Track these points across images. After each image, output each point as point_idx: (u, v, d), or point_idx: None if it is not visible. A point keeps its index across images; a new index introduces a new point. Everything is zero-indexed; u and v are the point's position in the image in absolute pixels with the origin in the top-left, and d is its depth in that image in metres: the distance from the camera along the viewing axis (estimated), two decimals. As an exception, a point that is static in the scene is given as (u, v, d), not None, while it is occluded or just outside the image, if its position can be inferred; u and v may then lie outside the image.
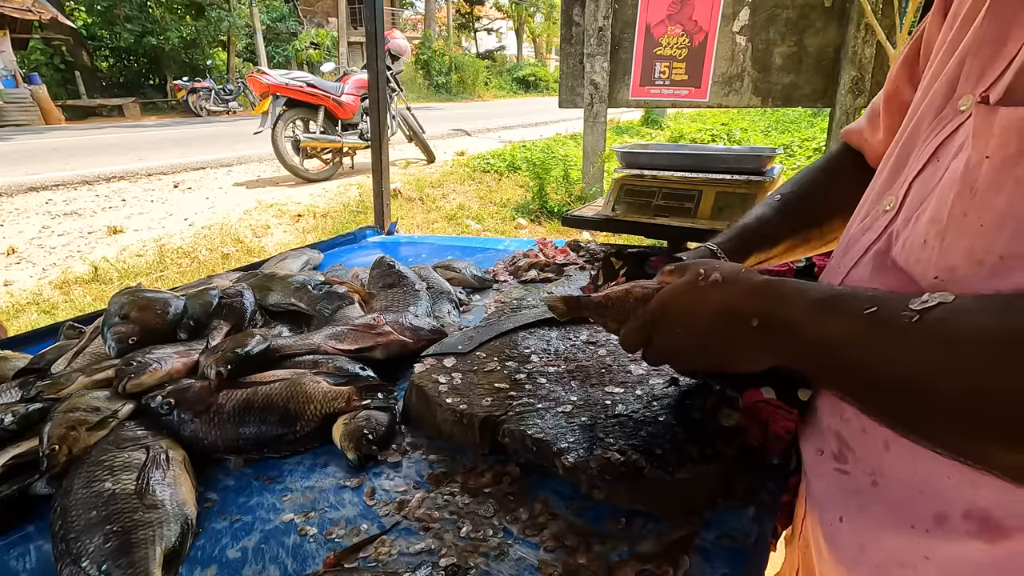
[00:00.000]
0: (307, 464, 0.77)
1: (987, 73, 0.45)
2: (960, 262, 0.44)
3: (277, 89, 6.52)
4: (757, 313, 0.52)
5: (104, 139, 9.88)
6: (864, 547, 0.52)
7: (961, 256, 0.44)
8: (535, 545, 0.60)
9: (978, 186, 0.42)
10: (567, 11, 5.56)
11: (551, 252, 1.56)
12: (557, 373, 0.84)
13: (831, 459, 0.58)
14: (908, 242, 0.50)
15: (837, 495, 0.56)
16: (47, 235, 4.88)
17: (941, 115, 0.51)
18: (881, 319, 0.42)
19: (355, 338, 0.98)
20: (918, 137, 0.55)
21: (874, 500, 0.51)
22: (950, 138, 0.48)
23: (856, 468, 0.54)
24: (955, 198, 0.44)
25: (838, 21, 4.79)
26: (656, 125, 12.34)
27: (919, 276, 0.48)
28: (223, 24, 18.46)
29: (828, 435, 0.59)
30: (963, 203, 0.43)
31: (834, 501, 0.57)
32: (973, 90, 0.46)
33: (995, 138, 0.41)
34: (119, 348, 0.93)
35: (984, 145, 0.42)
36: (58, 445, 0.70)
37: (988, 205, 0.41)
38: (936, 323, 0.39)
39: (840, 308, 0.46)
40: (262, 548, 0.62)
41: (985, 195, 0.41)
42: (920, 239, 0.48)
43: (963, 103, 0.48)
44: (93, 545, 0.58)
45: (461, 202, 6.33)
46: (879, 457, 0.51)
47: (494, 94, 27.38)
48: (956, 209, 0.44)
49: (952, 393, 0.38)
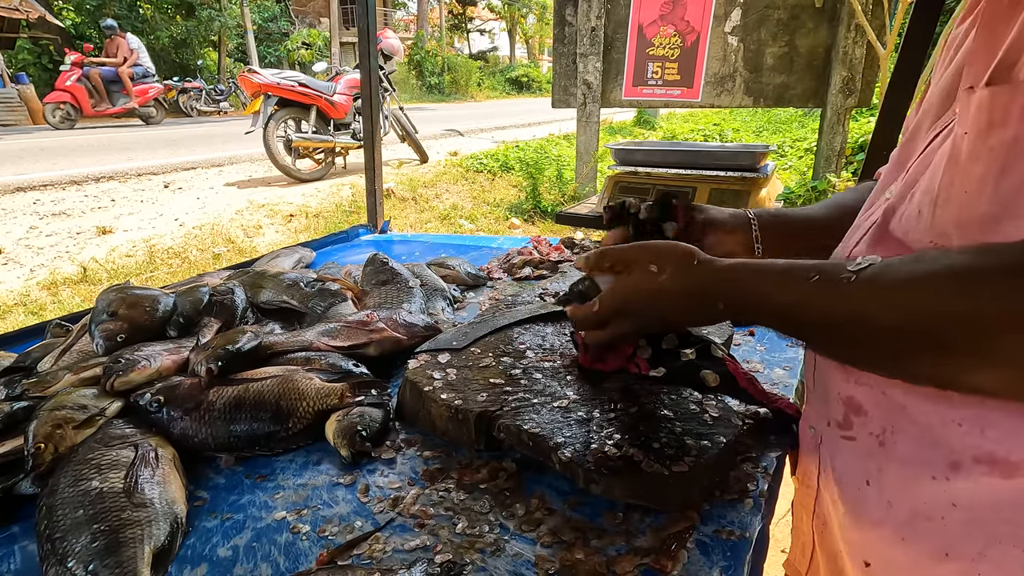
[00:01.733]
0: (300, 461, 0.76)
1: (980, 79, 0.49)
2: (950, 228, 0.48)
3: (268, 88, 6.47)
4: (721, 298, 0.58)
5: (93, 139, 9.78)
6: (891, 504, 0.54)
7: (951, 223, 0.48)
8: (532, 541, 0.60)
9: (961, 159, 0.47)
10: (560, 11, 5.56)
11: (545, 249, 1.56)
12: (553, 368, 0.84)
13: (836, 428, 0.60)
14: (905, 215, 0.55)
15: (853, 462, 0.59)
16: (35, 236, 4.81)
17: (939, 121, 0.56)
18: (823, 283, 0.49)
19: (348, 335, 0.97)
20: (918, 138, 0.59)
21: (887, 459, 0.54)
22: (944, 131, 0.53)
23: (862, 431, 0.57)
24: (944, 170, 0.49)
25: (829, 22, 4.82)
26: (649, 125, 12.37)
27: (916, 244, 0.52)
28: (214, 24, 18.33)
29: (834, 404, 0.61)
30: (950, 174, 0.48)
31: (853, 468, 0.59)
32: None
33: (971, 115, 0.46)
34: (107, 346, 0.91)
35: (964, 122, 0.47)
36: (43, 443, 0.69)
37: (968, 174, 0.46)
38: (868, 277, 0.47)
39: (791, 280, 0.53)
40: (253, 546, 0.61)
41: (966, 165, 0.46)
42: (915, 210, 0.53)
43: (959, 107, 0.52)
44: (80, 545, 0.57)
45: (454, 202, 6.31)
46: (897, 413, 0.54)
47: (487, 95, 27.36)
48: (945, 180, 0.49)
49: (887, 327, 0.45)
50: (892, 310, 0.45)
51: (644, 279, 0.61)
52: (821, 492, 0.67)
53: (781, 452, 0.73)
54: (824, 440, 0.64)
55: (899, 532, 0.54)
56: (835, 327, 0.50)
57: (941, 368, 0.45)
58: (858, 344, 0.50)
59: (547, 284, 1.27)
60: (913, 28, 1.49)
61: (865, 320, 0.47)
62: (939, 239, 0.49)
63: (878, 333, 0.47)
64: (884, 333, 0.46)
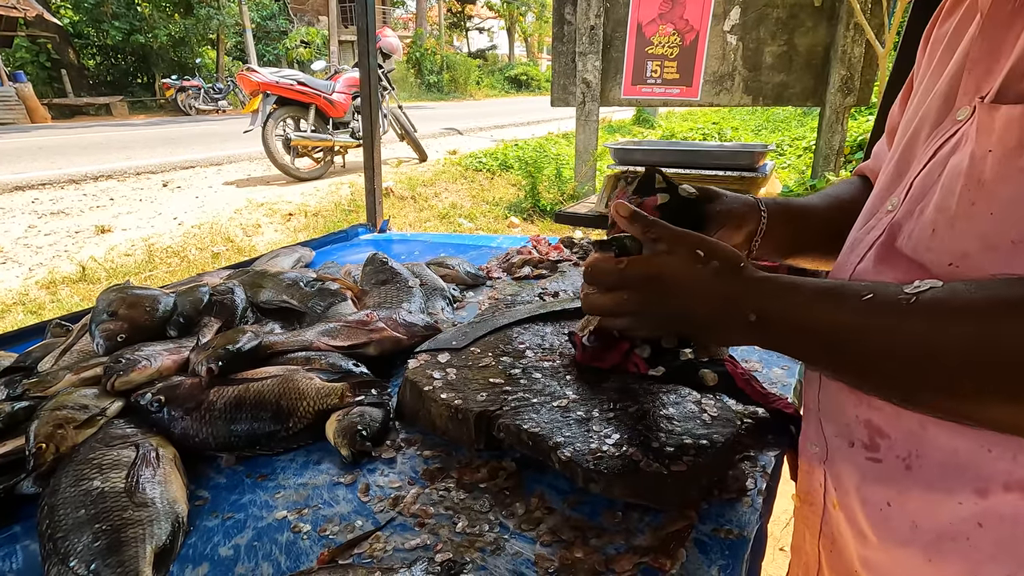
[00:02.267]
0: (300, 461, 0.76)
1: (982, 86, 0.49)
2: (973, 248, 0.46)
3: (267, 87, 6.47)
4: (756, 309, 0.53)
5: (91, 138, 9.76)
6: (916, 525, 0.53)
7: (974, 242, 0.46)
8: (531, 539, 0.60)
9: (985, 178, 0.45)
10: (559, 9, 5.56)
11: (545, 249, 1.56)
12: (552, 368, 0.84)
13: (862, 449, 0.58)
14: (915, 232, 0.53)
15: (875, 483, 0.57)
16: (33, 234, 4.81)
17: (939, 128, 0.54)
18: (879, 303, 0.46)
19: (348, 334, 0.97)
20: (916, 146, 0.58)
21: (912, 484, 0.53)
22: (948, 141, 0.52)
23: (889, 454, 0.55)
24: (962, 189, 0.47)
25: (828, 21, 4.82)
26: (648, 124, 12.37)
27: (931, 263, 0.50)
28: (212, 22, 18.30)
29: (856, 425, 0.58)
30: (971, 194, 0.46)
31: (875, 489, 0.57)
32: (970, 102, 0.50)
33: (997, 132, 0.44)
34: (107, 346, 0.91)
35: (987, 140, 0.45)
36: (44, 443, 0.69)
37: (996, 195, 0.44)
38: (931, 302, 0.43)
39: (839, 298, 0.49)
40: (255, 546, 0.61)
41: (992, 186, 0.45)
42: (928, 228, 0.51)
43: (960, 114, 0.51)
44: (81, 544, 0.57)
45: (453, 201, 6.31)
46: (916, 438, 0.52)
47: (486, 93, 27.33)
48: (964, 199, 0.47)
49: (952, 361, 0.42)
50: (961, 340, 0.41)
51: (686, 262, 0.57)
52: (829, 511, 0.64)
53: (779, 451, 0.74)
54: (836, 458, 0.62)
55: (926, 553, 0.52)
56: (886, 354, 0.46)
57: (1013, 411, 0.41)
58: (910, 377, 0.45)
59: (546, 284, 1.28)
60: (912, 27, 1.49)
61: (928, 351, 0.43)
62: (959, 260, 0.48)
63: (940, 368, 0.43)
64: (950, 370, 0.42)
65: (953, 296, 0.43)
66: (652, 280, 0.58)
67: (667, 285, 0.58)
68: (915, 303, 0.44)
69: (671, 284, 0.58)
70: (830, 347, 0.50)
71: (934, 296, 0.43)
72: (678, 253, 0.58)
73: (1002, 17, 0.48)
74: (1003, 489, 0.46)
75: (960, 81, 0.52)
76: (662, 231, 0.60)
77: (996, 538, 0.48)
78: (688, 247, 0.58)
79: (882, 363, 0.47)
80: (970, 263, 0.47)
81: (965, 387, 0.42)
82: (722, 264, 0.56)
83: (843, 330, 0.48)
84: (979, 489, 0.48)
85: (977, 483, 0.47)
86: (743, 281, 0.55)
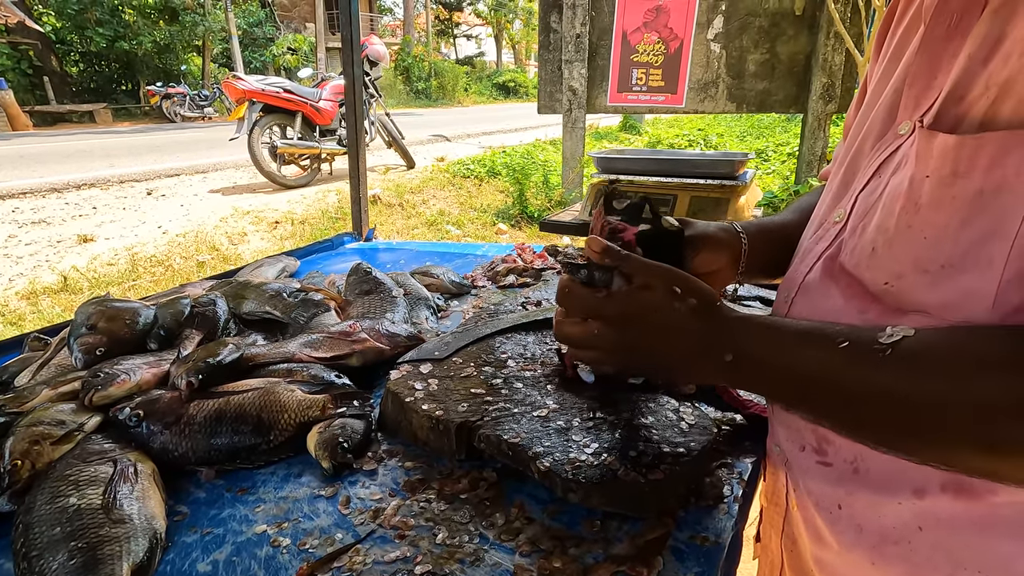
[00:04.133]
0: (281, 474, 0.76)
1: (921, 103, 0.50)
2: (907, 270, 0.48)
3: (253, 95, 6.44)
4: (733, 350, 0.53)
5: (74, 145, 9.64)
6: (861, 528, 0.55)
7: (908, 264, 0.48)
8: (511, 550, 0.60)
9: (921, 202, 0.47)
10: (545, 18, 5.61)
11: (529, 257, 1.57)
12: (533, 377, 0.85)
13: (812, 453, 0.60)
14: (856, 250, 0.54)
15: (826, 486, 0.59)
16: (13, 244, 4.73)
17: (883, 140, 0.55)
18: (854, 352, 0.46)
19: (331, 345, 0.97)
20: (862, 158, 0.59)
21: (859, 486, 0.55)
22: (890, 158, 0.53)
23: (837, 458, 0.57)
24: (900, 211, 0.49)
25: (808, 29, 4.91)
26: (634, 131, 12.46)
27: (869, 281, 0.52)
28: (198, 29, 18.18)
29: (805, 431, 0.61)
30: (908, 216, 0.48)
31: (827, 492, 0.59)
32: (911, 117, 0.51)
33: (934, 160, 0.45)
34: (86, 359, 0.90)
35: (925, 165, 0.46)
36: (20, 460, 0.68)
37: (930, 220, 0.46)
38: (906, 354, 0.43)
39: (814, 343, 0.49)
40: (233, 561, 0.61)
41: (927, 211, 0.46)
42: (868, 247, 0.52)
43: (902, 128, 0.52)
44: (57, 563, 0.57)
45: (441, 208, 6.31)
46: (856, 445, 0.54)
47: (474, 100, 27.40)
48: (902, 222, 0.48)
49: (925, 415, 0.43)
50: (934, 396, 0.42)
51: (665, 299, 0.56)
52: (791, 512, 0.67)
53: (756, 458, 0.75)
54: (794, 463, 0.64)
55: (869, 556, 0.55)
56: (860, 403, 0.46)
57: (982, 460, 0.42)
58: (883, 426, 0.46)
59: (529, 292, 1.29)
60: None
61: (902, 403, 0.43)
62: (894, 279, 0.49)
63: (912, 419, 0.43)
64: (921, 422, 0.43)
65: (926, 350, 0.43)
66: (629, 317, 0.57)
67: (644, 322, 0.56)
68: (890, 355, 0.44)
69: (648, 322, 0.56)
70: (803, 392, 0.51)
71: (908, 347, 0.43)
72: (656, 289, 0.56)
73: (940, 32, 0.48)
74: (939, 489, 0.48)
75: (901, 95, 0.53)
76: (636, 266, 0.58)
77: (933, 541, 0.50)
78: (666, 283, 0.56)
79: (855, 410, 0.47)
80: (904, 284, 0.49)
81: (939, 438, 0.43)
82: (699, 302, 0.55)
83: (818, 377, 0.48)
84: (917, 490, 0.50)
85: (916, 484, 0.50)
86: (720, 320, 0.55)
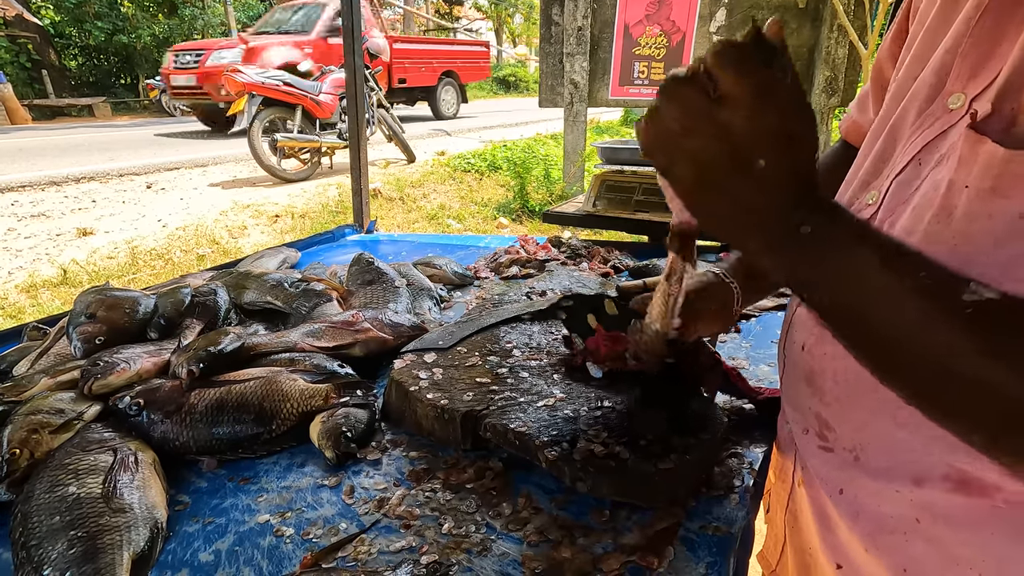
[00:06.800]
0: (283, 464, 0.75)
1: (980, 74, 0.45)
2: None
3: (253, 88, 6.40)
4: (816, 222, 0.42)
5: (73, 139, 9.59)
6: (859, 514, 0.55)
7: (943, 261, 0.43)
8: (519, 540, 0.59)
9: (956, 213, 0.44)
10: (546, 11, 5.57)
11: (532, 248, 1.55)
12: (539, 367, 0.83)
13: (815, 437, 0.60)
14: None
15: (827, 471, 0.59)
16: (13, 237, 4.71)
17: (929, 110, 0.50)
18: (935, 289, 0.39)
19: (333, 335, 0.96)
20: (904, 127, 0.54)
21: (860, 473, 0.54)
22: (935, 142, 0.48)
23: (837, 445, 0.57)
24: (931, 218, 0.46)
25: (812, 22, 4.87)
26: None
27: None
28: (197, 22, 18.08)
29: (809, 416, 0.60)
30: (939, 224, 0.45)
31: (829, 476, 0.59)
32: (963, 88, 0.46)
33: (977, 168, 0.42)
34: (85, 348, 0.89)
35: (967, 173, 0.43)
36: (19, 449, 0.67)
37: (963, 231, 0.44)
38: (986, 317, 0.37)
39: (899, 258, 0.40)
40: (236, 550, 0.60)
41: (960, 222, 0.44)
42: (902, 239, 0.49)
43: (952, 101, 0.47)
44: (56, 552, 0.56)
45: (442, 202, 6.29)
46: (861, 433, 0.53)
47: (474, 94, 27.33)
48: (931, 227, 0.46)
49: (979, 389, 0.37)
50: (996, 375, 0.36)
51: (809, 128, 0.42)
52: (796, 489, 0.67)
53: (766, 447, 0.74)
54: (800, 444, 0.64)
55: (863, 543, 0.55)
56: (924, 346, 0.39)
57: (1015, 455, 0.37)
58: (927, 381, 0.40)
59: (534, 283, 1.27)
60: (893, 28, 1.51)
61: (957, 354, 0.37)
62: None
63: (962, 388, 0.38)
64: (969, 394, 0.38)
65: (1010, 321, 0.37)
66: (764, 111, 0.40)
67: (780, 120, 0.41)
68: (971, 313, 0.37)
69: (782, 125, 0.41)
70: (863, 305, 0.41)
71: (991, 312, 0.37)
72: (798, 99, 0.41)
73: (1007, 9, 0.44)
74: (941, 478, 0.47)
75: (953, 58, 0.48)
76: None
77: (930, 536, 0.49)
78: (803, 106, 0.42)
79: (905, 349, 0.40)
80: None
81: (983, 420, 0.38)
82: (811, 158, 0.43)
83: (886, 296, 0.40)
84: (916, 478, 0.48)
85: (916, 472, 0.48)
86: (819, 192, 0.43)
